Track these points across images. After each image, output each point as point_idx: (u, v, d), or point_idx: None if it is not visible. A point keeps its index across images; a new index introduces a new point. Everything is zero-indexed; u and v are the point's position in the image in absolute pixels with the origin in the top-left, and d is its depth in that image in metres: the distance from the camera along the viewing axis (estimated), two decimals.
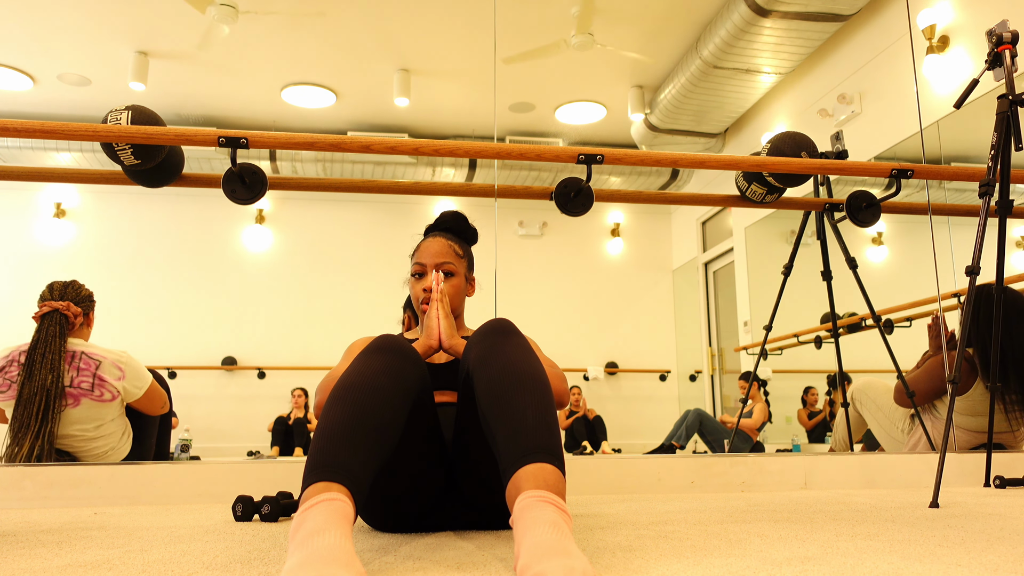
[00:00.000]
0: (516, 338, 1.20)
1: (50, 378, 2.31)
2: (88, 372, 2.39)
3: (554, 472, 1.00)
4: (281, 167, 5.84)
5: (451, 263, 1.59)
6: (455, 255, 1.61)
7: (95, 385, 2.38)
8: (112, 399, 2.41)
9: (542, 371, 1.15)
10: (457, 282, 1.60)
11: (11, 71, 5.08)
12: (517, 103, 5.64)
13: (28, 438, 2.23)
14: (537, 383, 1.11)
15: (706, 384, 6.15)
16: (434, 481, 1.29)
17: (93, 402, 2.38)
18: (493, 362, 1.15)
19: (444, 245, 1.61)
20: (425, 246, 1.61)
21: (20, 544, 1.23)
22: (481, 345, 1.19)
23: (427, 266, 1.58)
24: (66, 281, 2.52)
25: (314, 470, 0.98)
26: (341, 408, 1.05)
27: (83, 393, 2.37)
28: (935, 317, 2.90)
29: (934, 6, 3.65)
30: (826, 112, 4.53)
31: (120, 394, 2.43)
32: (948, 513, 1.53)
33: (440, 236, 1.63)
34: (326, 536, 0.85)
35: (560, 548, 0.84)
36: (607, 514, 1.58)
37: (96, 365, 2.40)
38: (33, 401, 2.28)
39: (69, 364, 2.38)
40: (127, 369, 2.46)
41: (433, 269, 1.56)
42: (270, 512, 1.55)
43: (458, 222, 1.71)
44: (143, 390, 2.49)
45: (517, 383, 1.10)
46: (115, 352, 2.47)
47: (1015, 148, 2.12)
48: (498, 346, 1.17)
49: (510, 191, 2.73)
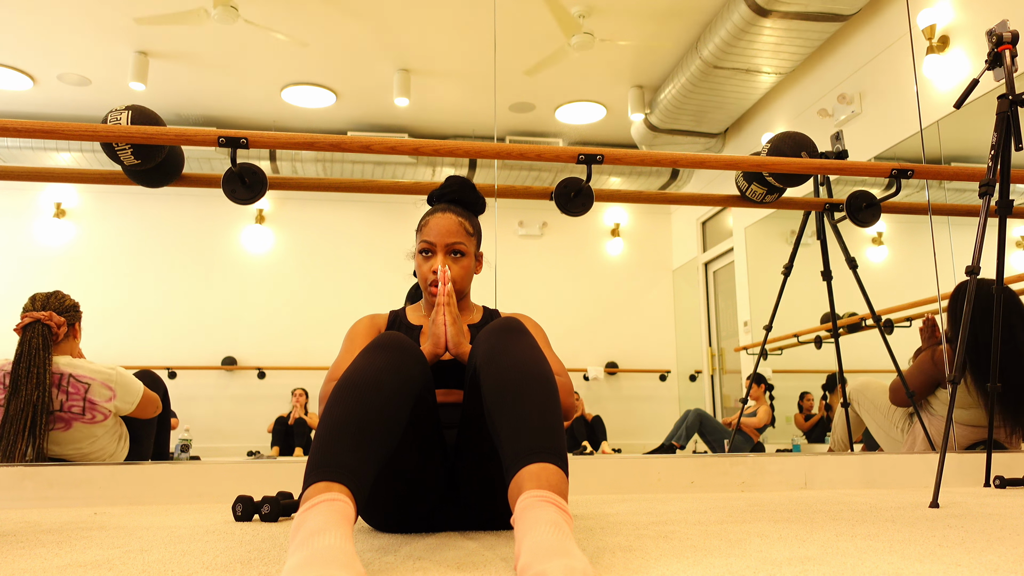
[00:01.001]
0: (525, 337, 1.19)
1: (36, 394, 2.22)
2: (78, 396, 2.31)
3: (557, 472, 1.00)
4: (281, 167, 5.84)
5: (462, 243, 1.50)
6: (466, 233, 1.51)
7: (86, 409, 2.32)
8: (104, 419, 2.36)
9: (549, 371, 1.15)
10: (467, 263, 1.52)
11: (11, 71, 5.08)
12: (517, 103, 5.64)
13: (17, 457, 2.17)
14: (544, 383, 1.11)
15: (706, 384, 6.15)
16: (436, 480, 1.29)
17: (85, 424, 2.33)
18: (500, 361, 1.14)
19: (455, 223, 1.50)
20: (434, 222, 1.50)
21: (20, 544, 1.23)
22: (489, 343, 1.18)
23: (436, 245, 1.49)
24: (49, 292, 2.42)
25: (315, 469, 0.97)
26: (343, 407, 1.05)
27: (74, 417, 2.31)
28: (926, 318, 2.91)
29: (934, 6, 3.65)
30: (826, 112, 4.53)
31: (112, 412, 2.38)
32: (948, 513, 1.53)
33: (450, 212, 1.52)
34: (326, 536, 0.85)
35: (561, 548, 0.84)
36: (607, 514, 1.58)
37: (86, 388, 2.33)
38: (19, 419, 2.19)
39: (57, 387, 2.30)
40: (117, 388, 2.38)
41: (443, 249, 1.49)
42: (270, 512, 1.55)
43: (466, 192, 1.60)
44: (135, 404, 2.43)
45: (523, 382, 1.10)
46: (103, 371, 2.38)
47: (1015, 148, 2.12)
48: (506, 345, 1.17)
49: (510, 191, 2.73)
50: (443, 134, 6.17)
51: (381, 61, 5.14)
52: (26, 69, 5.10)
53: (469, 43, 4.89)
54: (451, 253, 1.50)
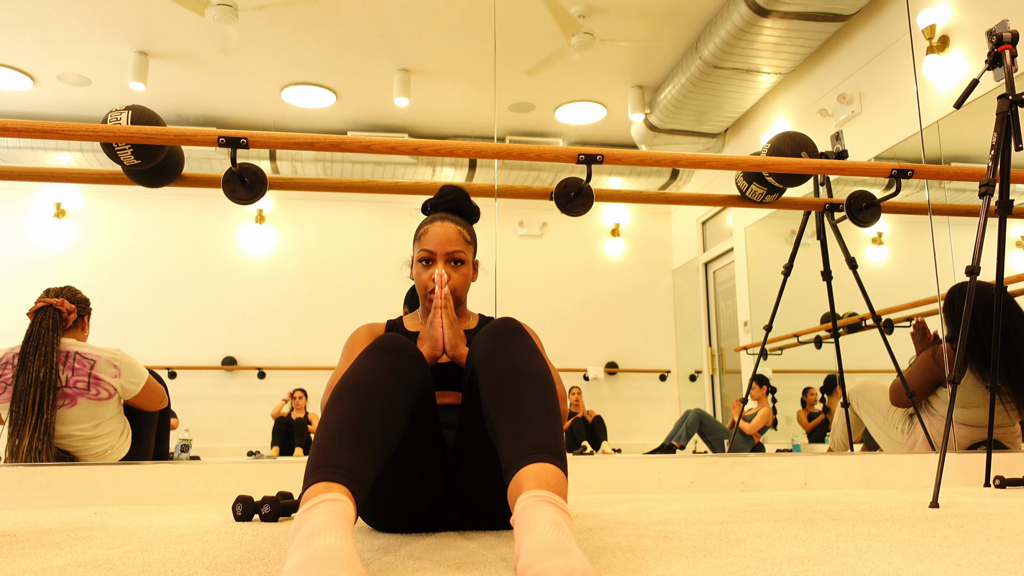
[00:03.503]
0: (522, 337, 1.20)
1: (43, 370, 2.30)
2: (83, 372, 2.38)
3: (556, 472, 1.00)
4: (281, 167, 5.84)
5: (462, 251, 1.52)
6: (464, 242, 1.54)
7: (91, 384, 2.38)
8: (109, 397, 2.41)
9: (547, 371, 1.15)
10: (465, 270, 1.54)
11: (11, 71, 5.08)
12: (517, 103, 5.64)
13: (27, 430, 2.23)
14: (542, 383, 1.11)
15: (706, 384, 6.15)
16: (435, 481, 1.29)
17: (90, 401, 2.38)
18: (498, 361, 1.15)
19: (454, 231, 1.52)
20: (434, 231, 1.52)
21: (20, 544, 1.23)
22: (487, 344, 1.19)
23: (436, 254, 1.50)
24: (62, 286, 2.53)
25: (315, 470, 0.98)
26: (343, 408, 1.06)
27: (79, 393, 2.36)
28: (916, 323, 2.91)
29: (934, 6, 3.65)
30: (826, 112, 4.53)
31: (117, 391, 2.43)
32: (948, 513, 1.53)
33: (449, 221, 1.54)
34: (327, 536, 0.85)
35: (561, 548, 0.84)
36: (607, 514, 1.58)
37: (91, 364, 2.40)
38: (28, 394, 2.27)
39: (64, 364, 2.38)
40: (122, 366, 2.45)
41: (443, 257, 1.50)
42: (270, 512, 1.55)
43: (462, 201, 1.62)
44: (140, 386, 2.49)
45: (522, 382, 1.10)
46: (108, 350, 2.47)
47: (1015, 148, 2.12)
48: (504, 345, 1.17)
49: (510, 191, 2.73)
50: (443, 134, 6.17)
51: (381, 61, 5.14)
52: (26, 69, 5.10)
53: (469, 43, 4.89)
54: (451, 262, 1.51)
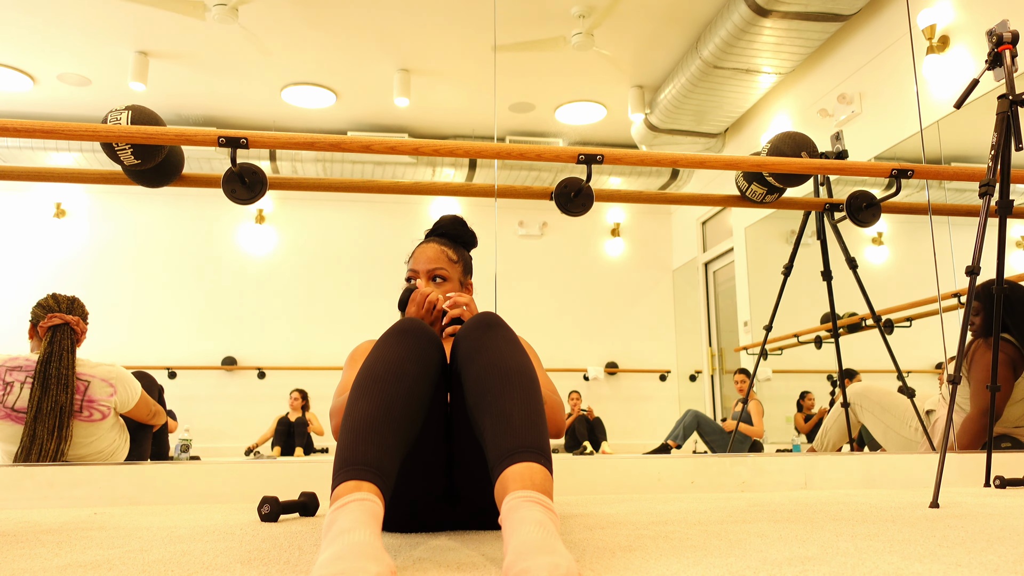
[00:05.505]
0: (502, 331, 1.20)
1: (64, 396, 2.29)
2: (77, 394, 2.37)
3: (541, 471, 1.01)
4: (281, 167, 5.84)
5: (443, 268, 1.60)
6: (448, 260, 1.62)
7: (84, 406, 2.36)
8: (103, 418, 2.39)
9: (529, 365, 1.15)
10: (449, 287, 1.60)
11: (11, 71, 5.08)
12: (517, 103, 5.64)
13: (47, 456, 2.24)
14: (524, 378, 1.12)
15: (706, 384, 6.15)
16: (439, 475, 1.29)
17: (82, 423, 2.36)
18: (479, 358, 1.15)
19: (437, 251, 1.62)
20: (419, 252, 1.63)
21: (20, 544, 1.23)
22: (468, 341, 1.19)
23: (419, 272, 1.59)
24: (69, 296, 2.51)
25: (344, 467, 0.99)
26: (369, 401, 1.07)
27: (72, 415, 2.35)
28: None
29: (934, 6, 3.65)
30: (826, 112, 4.53)
31: (113, 409, 2.42)
32: (948, 513, 1.53)
33: (434, 242, 1.64)
34: (356, 534, 0.88)
35: (546, 546, 0.85)
36: (607, 514, 1.58)
37: (85, 386, 2.38)
38: (50, 418, 2.26)
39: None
40: (118, 384, 2.44)
41: (425, 275, 1.58)
42: (270, 512, 1.55)
43: (454, 227, 1.71)
44: (134, 401, 2.49)
45: (503, 379, 1.11)
46: (103, 367, 2.44)
47: (1015, 148, 2.12)
48: (483, 341, 1.18)
49: (510, 191, 2.73)
50: (443, 134, 6.17)
51: (381, 61, 5.14)
52: (26, 69, 5.10)
53: (469, 43, 4.89)
54: (433, 279, 1.59)
